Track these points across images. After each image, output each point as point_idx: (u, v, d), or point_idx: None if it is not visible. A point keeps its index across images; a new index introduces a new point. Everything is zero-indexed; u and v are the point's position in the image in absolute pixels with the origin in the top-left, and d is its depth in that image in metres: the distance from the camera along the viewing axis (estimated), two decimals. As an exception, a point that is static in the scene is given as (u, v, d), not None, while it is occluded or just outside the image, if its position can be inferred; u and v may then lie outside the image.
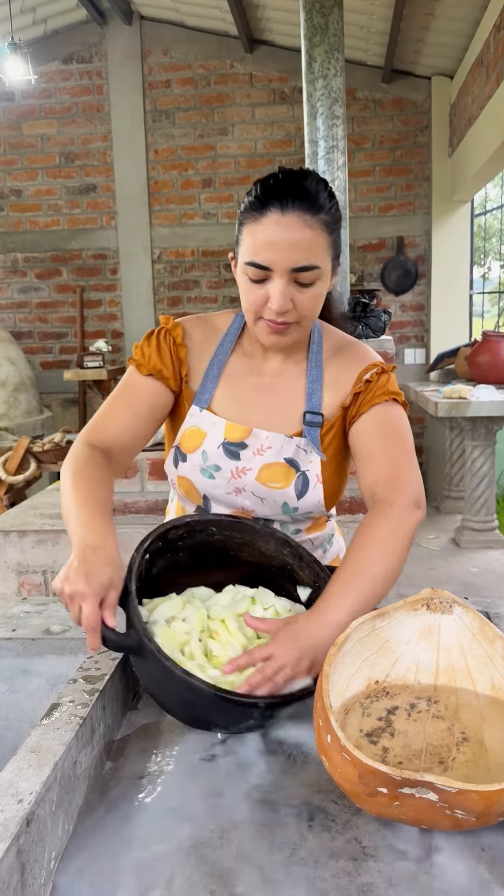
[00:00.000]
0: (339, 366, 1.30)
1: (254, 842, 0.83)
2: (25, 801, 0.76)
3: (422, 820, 0.80)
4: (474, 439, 4.58)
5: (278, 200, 1.11)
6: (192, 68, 6.13)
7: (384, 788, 0.77)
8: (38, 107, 6.30)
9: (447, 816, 0.78)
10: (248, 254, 1.15)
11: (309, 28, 3.12)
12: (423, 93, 5.95)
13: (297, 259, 1.12)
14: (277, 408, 1.28)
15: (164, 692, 1.03)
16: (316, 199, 1.12)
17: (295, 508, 1.27)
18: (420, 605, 0.97)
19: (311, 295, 1.16)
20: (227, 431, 1.26)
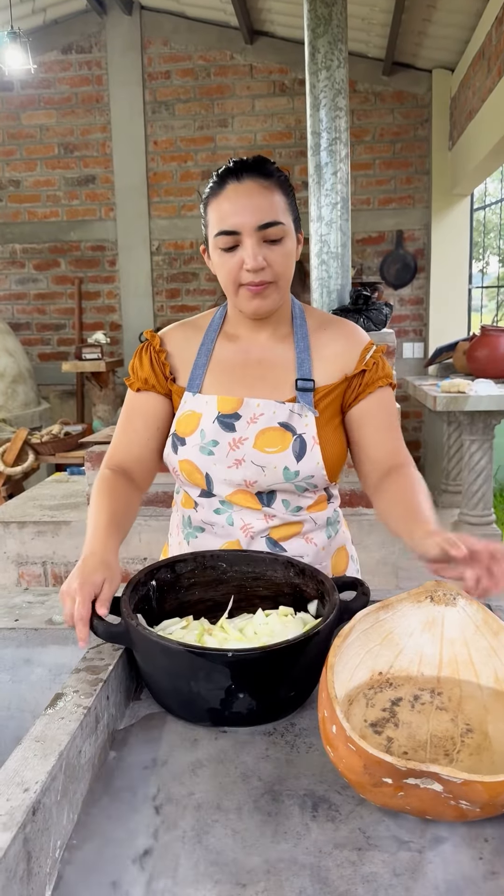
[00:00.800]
0: (332, 338, 1.37)
1: (258, 831, 0.83)
2: (31, 790, 0.76)
3: (426, 810, 0.80)
4: (472, 434, 4.58)
5: (233, 174, 1.23)
6: (192, 59, 6.10)
7: (389, 779, 0.77)
8: (37, 97, 6.27)
9: (452, 807, 0.78)
10: (216, 226, 1.24)
11: (312, 19, 3.10)
12: (423, 86, 5.93)
13: (261, 217, 1.21)
14: (268, 378, 1.34)
15: (153, 672, 1.05)
16: (265, 166, 1.25)
17: (296, 472, 1.30)
18: (424, 596, 0.97)
19: (281, 252, 1.24)
20: (219, 405, 1.31)
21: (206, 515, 1.37)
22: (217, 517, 1.36)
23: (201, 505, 1.37)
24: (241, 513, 1.35)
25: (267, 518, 1.35)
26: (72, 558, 2.67)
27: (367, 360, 1.34)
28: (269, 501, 1.34)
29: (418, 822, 0.84)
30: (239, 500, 1.33)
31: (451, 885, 0.75)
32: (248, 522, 1.35)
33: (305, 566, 1.22)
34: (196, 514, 1.39)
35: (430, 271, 6.09)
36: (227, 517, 1.35)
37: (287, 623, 1.15)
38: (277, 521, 1.36)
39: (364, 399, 1.34)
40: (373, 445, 1.34)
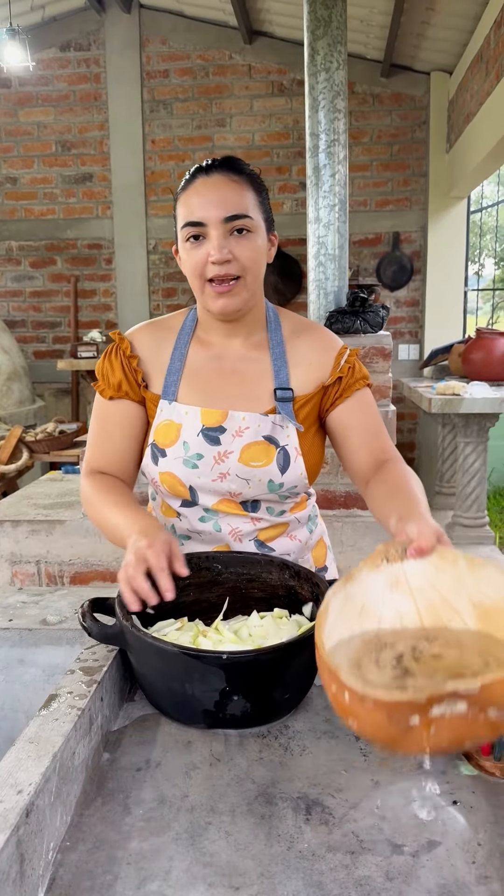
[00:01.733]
0: (307, 346, 1.35)
1: (252, 834, 0.83)
2: (25, 791, 0.76)
3: (463, 737, 0.80)
4: (467, 436, 4.59)
5: (203, 170, 1.24)
6: (191, 58, 6.10)
7: (416, 718, 0.76)
8: (34, 94, 6.25)
9: (484, 723, 0.77)
10: (183, 219, 1.23)
11: (312, 20, 3.10)
12: (421, 88, 5.94)
13: (228, 208, 1.20)
14: (246, 388, 1.31)
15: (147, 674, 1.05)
16: (236, 163, 1.25)
17: (280, 484, 1.30)
18: (379, 560, 0.98)
19: (248, 246, 1.22)
20: (203, 417, 1.29)
21: (192, 524, 1.36)
22: (203, 525, 1.35)
23: (184, 515, 1.36)
24: (227, 518, 1.34)
25: (254, 521, 1.35)
26: (66, 557, 2.67)
27: (342, 365, 1.33)
28: (254, 509, 1.34)
29: (411, 826, 0.84)
30: (224, 508, 1.33)
31: (444, 889, 0.75)
32: (235, 527, 1.35)
33: (300, 568, 1.22)
34: (180, 524, 1.37)
35: (427, 273, 6.09)
36: (213, 524, 1.35)
37: (281, 625, 1.15)
38: (265, 524, 1.36)
39: (342, 403, 1.32)
40: (359, 447, 1.32)
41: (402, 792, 0.90)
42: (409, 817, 0.85)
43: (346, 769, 0.95)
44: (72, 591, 1.40)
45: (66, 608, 1.31)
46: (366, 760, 0.96)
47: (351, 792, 0.90)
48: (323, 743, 1.01)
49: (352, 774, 0.94)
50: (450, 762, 0.96)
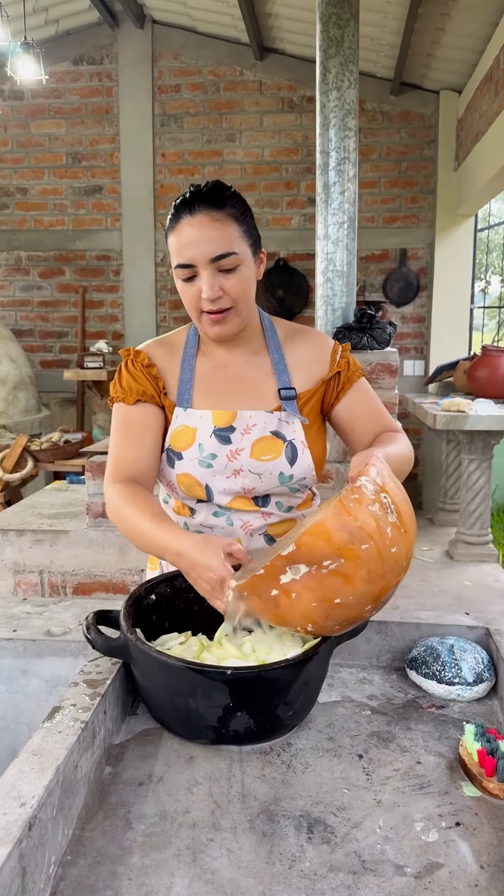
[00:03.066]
0: (302, 347, 1.44)
1: (253, 852, 0.83)
2: (28, 804, 0.75)
3: (329, 595, 0.96)
4: (471, 453, 4.59)
5: (187, 208, 1.28)
6: (202, 74, 6.15)
7: (274, 589, 0.97)
8: (46, 106, 6.31)
9: (333, 575, 0.95)
10: (174, 258, 1.30)
11: (324, 40, 3.13)
12: (430, 106, 5.97)
13: (214, 249, 1.26)
14: (251, 391, 1.40)
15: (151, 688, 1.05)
16: (218, 197, 1.28)
17: (290, 476, 1.36)
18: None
19: (236, 280, 1.29)
20: (214, 419, 1.36)
21: (205, 519, 1.41)
22: (216, 520, 1.40)
23: (199, 511, 1.41)
24: (239, 514, 1.39)
25: (264, 516, 1.41)
26: (69, 568, 2.67)
27: (339, 361, 1.43)
28: (265, 504, 1.40)
29: (416, 846, 0.84)
30: (237, 505, 1.38)
31: (447, 911, 0.75)
32: (247, 521, 1.40)
33: None
34: (194, 520, 1.42)
35: (433, 290, 6.11)
36: (225, 519, 1.40)
37: (285, 640, 1.15)
38: (275, 519, 1.41)
39: (345, 397, 1.42)
40: (365, 433, 1.41)
41: (405, 812, 0.90)
42: (411, 838, 0.85)
43: (349, 788, 0.94)
44: (76, 603, 1.40)
45: (71, 619, 1.31)
46: (368, 779, 0.96)
47: (353, 811, 0.90)
48: (325, 761, 1.00)
49: (354, 793, 0.93)
50: (453, 783, 0.96)
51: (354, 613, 1.01)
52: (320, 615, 0.98)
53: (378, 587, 0.98)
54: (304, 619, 0.99)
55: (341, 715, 1.13)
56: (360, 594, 0.97)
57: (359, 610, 1.00)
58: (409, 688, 1.22)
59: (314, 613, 0.98)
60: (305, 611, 0.98)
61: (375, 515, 0.97)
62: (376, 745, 1.04)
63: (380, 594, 1.00)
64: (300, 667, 1.00)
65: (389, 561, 0.98)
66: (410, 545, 1.02)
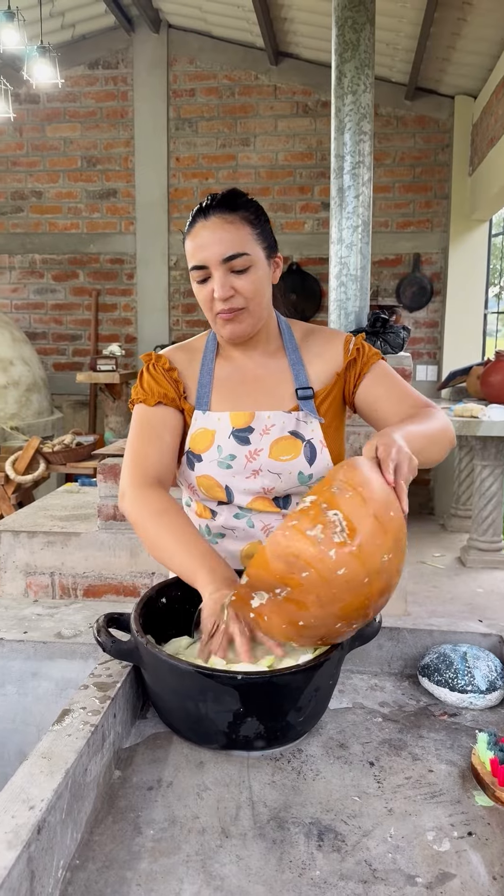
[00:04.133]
0: (316, 345, 1.45)
1: (263, 859, 0.82)
2: (37, 807, 0.75)
3: (294, 618, 0.97)
4: (484, 459, 4.57)
5: (202, 212, 1.31)
6: (217, 78, 6.16)
7: (251, 612, 1.01)
8: (62, 110, 6.34)
9: (287, 602, 0.96)
10: (189, 261, 1.33)
11: (340, 44, 3.13)
12: (445, 111, 5.96)
13: (225, 250, 1.28)
14: (269, 392, 1.41)
15: (161, 691, 1.04)
16: (232, 201, 1.32)
17: (310, 475, 1.36)
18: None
19: (248, 280, 1.31)
20: (233, 420, 1.37)
21: (227, 521, 1.41)
22: (237, 521, 1.41)
23: (220, 513, 1.42)
24: (259, 516, 1.40)
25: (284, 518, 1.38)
26: (80, 570, 2.67)
27: (351, 350, 1.42)
28: (286, 504, 1.40)
29: (427, 856, 0.83)
30: (257, 506, 1.39)
31: (459, 923, 0.74)
32: (267, 523, 1.40)
33: None
34: (215, 522, 1.43)
35: (446, 295, 6.09)
36: (246, 521, 1.40)
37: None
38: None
39: (363, 381, 1.40)
40: (391, 414, 1.37)
41: (416, 821, 0.89)
42: (423, 847, 0.84)
43: (360, 795, 0.93)
44: (87, 605, 1.40)
45: (81, 622, 1.31)
46: (380, 787, 0.95)
47: (364, 819, 0.89)
48: (336, 768, 0.99)
49: (365, 801, 0.92)
50: (465, 793, 0.94)
51: (326, 632, 0.99)
52: (294, 634, 1.00)
53: (337, 608, 0.95)
54: (285, 637, 1.01)
55: (352, 722, 1.12)
56: (319, 616, 0.96)
57: (328, 629, 0.98)
58: (421, 695, 1.21)
59: (289, 633, 1.00)
60: (280, 631, 1.00)
61: (315, 540, 0.93)
62: (388, 753, 1.03)
63: (345, 613, 0.96)
64: (311, 672, 0.99)
65: (338, 583, 0.93)
66: (367, 562, 0.94)
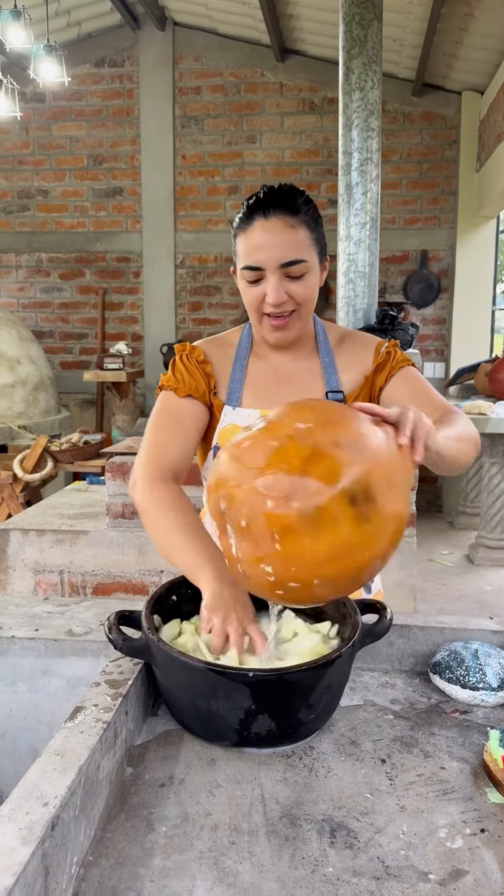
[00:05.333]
0: (350, 349, 1.44)
1: (275, 856, 0.82)
2: (51, 804, 0.75)
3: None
4: (492, 456, 4.56)
5: (261, 210, 1.27)
6: (223, 76, 6.16)
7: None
8: (68, 108, 6.35)
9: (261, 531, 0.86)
10: (242, 260, 1.30)
11: (348, 40, 3.12)
12: (452, 107, 5.94)
13: (284, 255, 1.26)
14: (300, 393, 1.39)
15: (172, 689, 1.04)
16: (293, 202, 1.28)
17: None
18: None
19: (303, 287, 1.29)
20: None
21: None
22: None
23: None
24: None
25: None
26: (88, 568, 2.67)
27: (382, 353, 1.41)
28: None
29: (441, 852, 0.82)
30: None
31: (472, 920, 0.73)
32: None
33: None
34: None
35: (454, 292, 6.08)
36: None
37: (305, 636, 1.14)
38: None
39: (388, 384, 1.39)
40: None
41: (429, 818, 0.89)
42: (435, 844, 0.84)
43: (372, 792, 0.93)
44: (97, 603, 1.40)
45: (92, 619, 1.31)
46: (391, 784, 0.95)
47: (376, 816, 0.89)
48: (348, 765, 0.99)
49: (377, 798, 0.92)
50: (477, 790, 0.94)
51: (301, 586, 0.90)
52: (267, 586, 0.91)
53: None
54: (266, 591, 0.93)
55: (363, 719, 1.12)
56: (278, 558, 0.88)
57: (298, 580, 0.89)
58: (432, 692, 1.21)
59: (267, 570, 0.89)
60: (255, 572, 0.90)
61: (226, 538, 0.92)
62: (399, 750, 1.03)
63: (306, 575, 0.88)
64: (322, 669, 0.99)
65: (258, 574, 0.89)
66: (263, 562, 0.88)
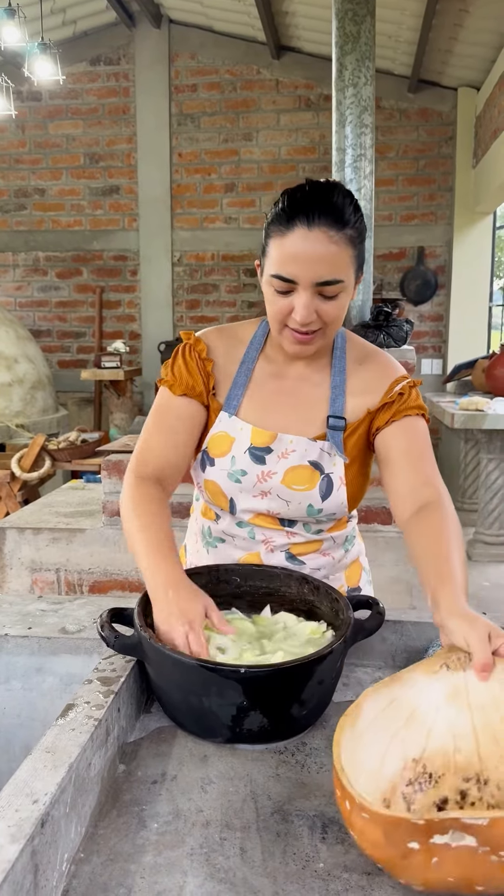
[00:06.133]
0: (366, 375, 1.32)
1: (267, 852, 0.82)
2: (41, 801, 0.75)
3: (472, 877, 0.71)
4: (490, 452, 4.55)
5: (305, 215, 1.13)
6: (219, 73, 6.15)
7: (415, 843, 0.71)
8: (64, 107, 6.34)
9: (497, 865, 0.70)
10: (273, 266, 1.17)
11: (341, 36, 3.12)
12: (448, 103, 5.94)
13: (322, 274, 1.14)
14: (300, 411, 1.31)
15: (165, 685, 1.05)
16: (342, 214, 1.14)
17: (319, 510, 1.30)
18: (438, 665, 0.90)
19: (335, 306, 1.19)
20: (253, 437, 1.29)
21: (228, 528, 1.37)
22: (239, 530, 1.36)
23: (222, 517, 1.38)
24: (262, 529, 1.35)
25: (289, 535, 1.36)
26: (85, 566, 2.68)
27: (394, 392, 1.29)
28: (291, 525, 1.34)
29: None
30: (261, 523, 1.34)
31: (462, 914, 0.74)
32: (269, 537, 1.35)
33: (320, 583, 1.21)
34: (217, 526, 1.39)
35: (451, 288, 6.07)
36: (248, 531, 1.36)
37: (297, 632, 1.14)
38: (299, 539, 1.36)
39: (388, 427, 1.28)
40: (400, 478, 1.25)
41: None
42: (426, 839, 0.84)
43: (364, 788, 0.93)
44: (91, 601, 1.40)
45: (86, 617, 1.31)
46: (383, 779, 0.95)
47: (368, 811, 0.89)
48: (340, 760, 0.99)
49: (369, 793, 0.92)
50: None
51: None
52: (443, 887, 0.75)
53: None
54: (421, 882, 0.75)
55: (356, 714, 1.12)
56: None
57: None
58: (426, 688, 1.21)
59: (439, 883, 0.74)
60: (432, 878, 0.74)
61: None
62: (392, 745, 1.03)
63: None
64: (314, 665, 0.99)
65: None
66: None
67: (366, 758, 0.83)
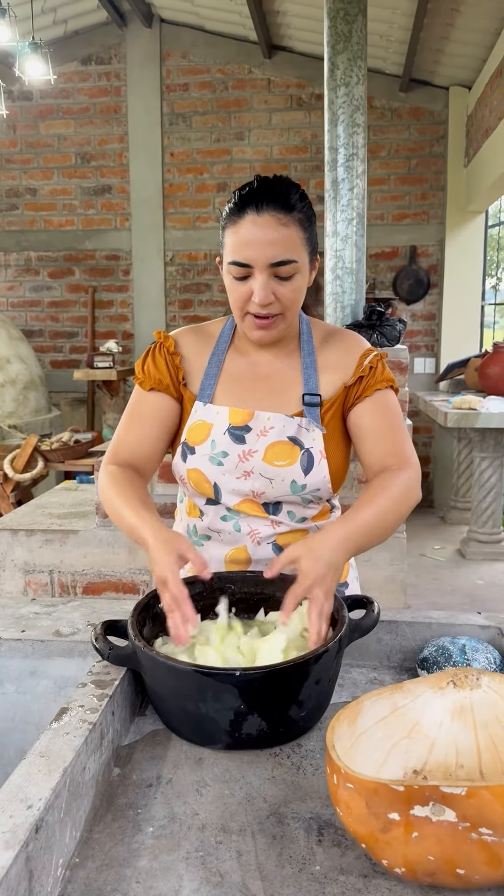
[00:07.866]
0: (334, 351, 1.39)
1: (263, 855, 0.82)
2: (35, 806, 0.75)
3: (453, 857, 0.72)
4: (483, 451, 4.57)
5: (254, 204, 1.21)
6: (211, 72, 6.14)
7: (395, 814, 0.72)
8: (55, 106, 6.32)
9: (477, 844, 0.70)
10: (230, 254, 1.25)
11: (332, 35, 3.12)
12: (440, 103, 5.95)
13: (275, 254, 1.21)
14: (276, 393, 1.36)
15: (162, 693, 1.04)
16: (287, 198, 1.22)
17: (303, 486, 1.32)
18: (445, 682, 0.90)
19: (291, 288, 1.25)
20: (230, 417, 1.33)
21: (213, 523, 1.38)
22: (224, 524, 1.37)
23: (207, 513, 1.39)
24: (247, 520, 1.36)
25: (274, 525, 1.37)
26: (78, 567, 2.67)
27: (364, 366, 1.35)
28: (276, 511, 1.36)
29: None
30: (246, 509, 1.35)
31: (459, 916, 0.73)
32: (255, 528, 1.37)
33: None
34: (202, 523, 1.40)
35: (443, 287, 6.08)
36: (233, 524, 1.37)
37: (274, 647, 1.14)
38: (284, 528, 1.37)
39: (361, 403, 1.34)
40: (371, 450, 1.33)
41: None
42: (423, 841, 0.84)
43: (360, 790, 0.93)
44: (84, 603, 1.39)
45: (79, 620, 1.30)
46: (379, 781, 0.95)
47: (364, 813, 0.89)
48: (336, 762, 0.99)
49: (365, 795, 0.92)
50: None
51: (460, 886, 0.77)
52: (423, 870, 0.74)
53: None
54: (402, 860, 0.74)
55: (352, 715, 1.11)
56: (490, 878, 0.74)
57: (468, 887, 0.77)
58: (421, 688, 1.20)
59: (419, 864, 0.74)
60: (412, 856, 0.74)
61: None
62: (387, 747, 1.03)
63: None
64: (310, 665, 0.99)
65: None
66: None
67: (362, 760, 0.84)
